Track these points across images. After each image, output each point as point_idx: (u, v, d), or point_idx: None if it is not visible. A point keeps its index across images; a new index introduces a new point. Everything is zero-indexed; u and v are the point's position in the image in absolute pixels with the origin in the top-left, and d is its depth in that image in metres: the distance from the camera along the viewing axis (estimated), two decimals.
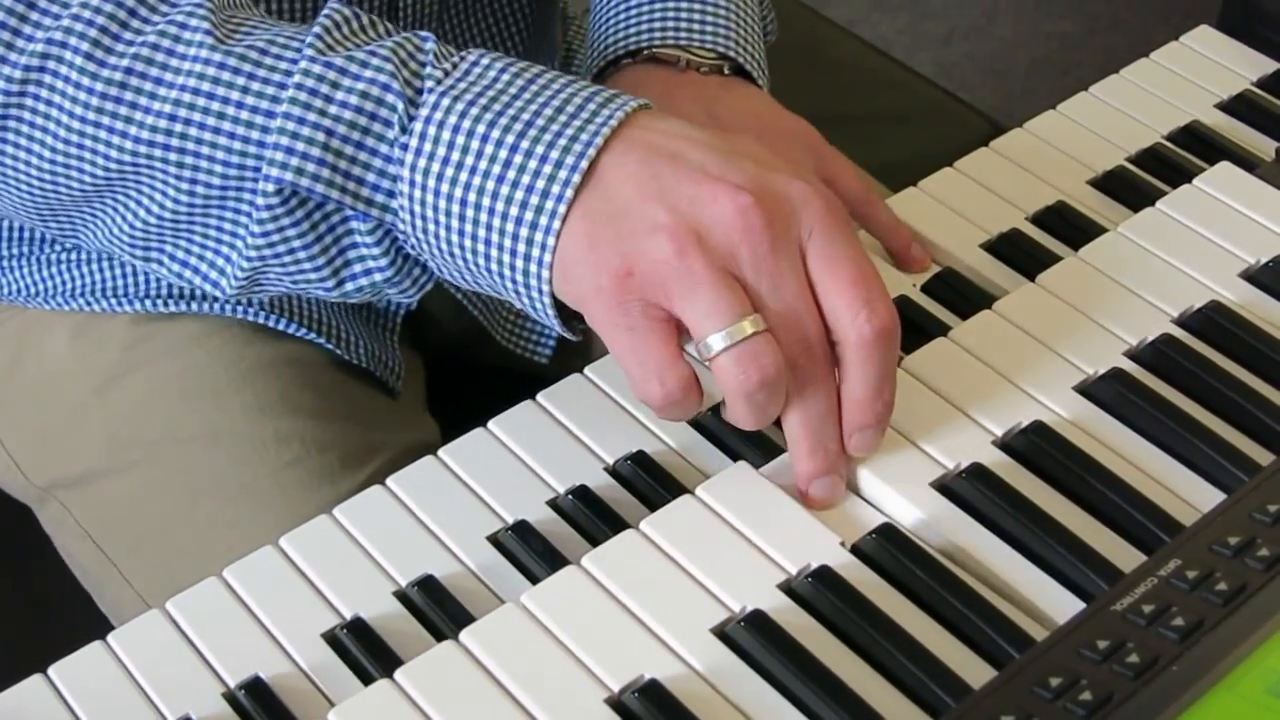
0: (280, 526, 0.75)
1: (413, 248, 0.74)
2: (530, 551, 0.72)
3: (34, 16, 0.74)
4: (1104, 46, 2.37)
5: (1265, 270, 0.83)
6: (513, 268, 0.71)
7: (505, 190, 0.70)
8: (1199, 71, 0.98)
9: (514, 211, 0.70)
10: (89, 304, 0.96)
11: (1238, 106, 0.96)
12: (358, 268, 0.76)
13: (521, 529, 0.74)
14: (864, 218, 0.87)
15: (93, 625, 0.89)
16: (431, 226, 0.72)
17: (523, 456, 0.77)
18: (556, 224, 0.69)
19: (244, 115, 0.72)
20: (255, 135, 0.72)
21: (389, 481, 0.76)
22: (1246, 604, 0.64)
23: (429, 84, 0.72)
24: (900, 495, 0.72)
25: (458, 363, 1.08)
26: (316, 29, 0.73)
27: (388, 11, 0.94)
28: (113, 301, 0.96)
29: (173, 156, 0.73)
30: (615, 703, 0.65)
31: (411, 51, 0.73)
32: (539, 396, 0.79)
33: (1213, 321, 0.80)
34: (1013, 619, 0.67)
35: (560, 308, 0.72)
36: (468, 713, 0.65)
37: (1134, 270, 0.83)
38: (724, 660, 0.66)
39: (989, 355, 0.78)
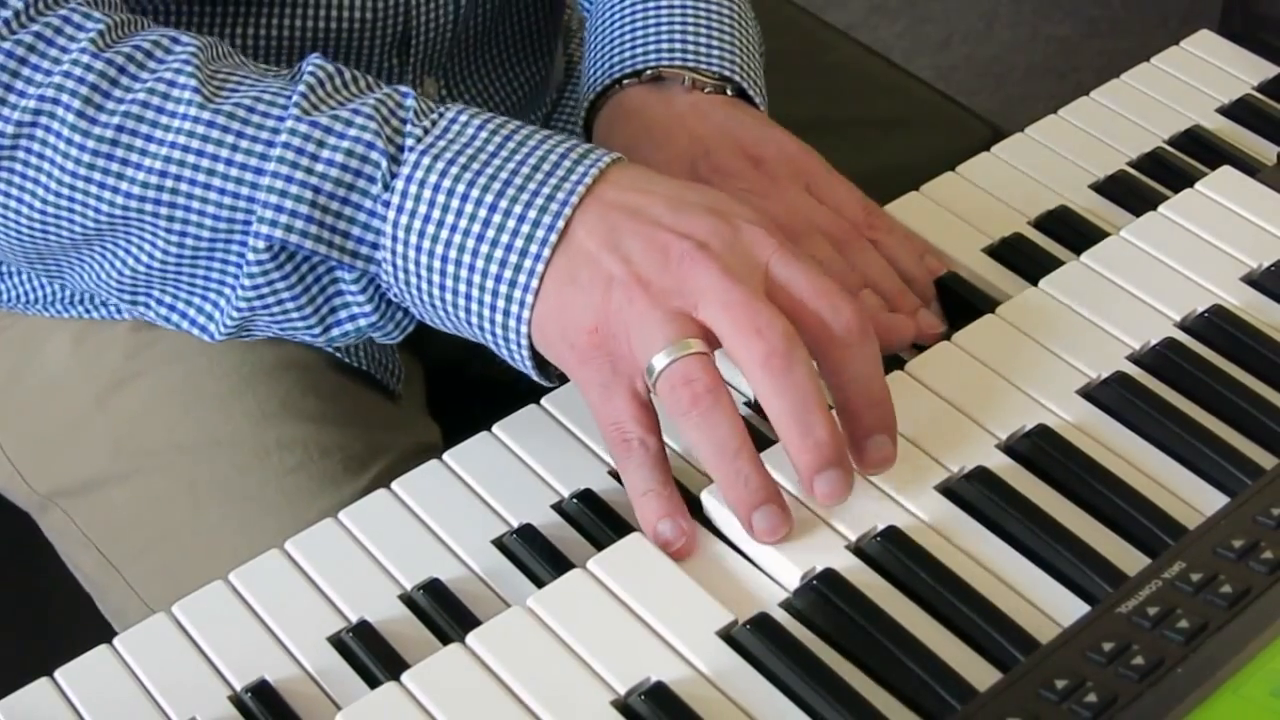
0: (284, 532, 0.75)
1: (395, 296, 0.76)
2: (535, 555, 0.73)
3: (26, 72, 0.75)
4: (1102, 50, 2.37)
5: (1267, 274, 0.83)
6: (493, 321, 0.73)
7: (485, 249, 0.72)
8: (1200, 76, 0.99)
9: (494, 269, 0.72)
10: (89, 311, 0.97)
11: (1239, 111, 0.96)
12: (343, 314, 0.78)
13: (526, 532, 0.74)
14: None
15: (96, 630, 0.89)
16: (414, 279, 0.74)
17: (527, 460, 0.77)
18: (535, 282, 0.71)
19: (233, 172, 0.74)
20: (245, 191, 0.74)
21: (394, 485, 0.76)
22: (1251, 607, 0.64)
23: (409, 142, 0.74)
24: (904, 498, 0.72)
25: (458, 372, 1.08)
26: (301, 87, 0.75)
27: (399, 45, 0.94)
28: (113, 308, 0.96)
29: (163, 211, 0.75)
30: (621, 705, 0.65)
31: (393, 109, 0.75)
32: (543, 400, 0.79)
33: (1215, 325, 0.80)
34: (1018, 622, 0.67)
35: (538, 356, 0.74)
36: (474, 716, 0.65)
37: (1136, 274, 0.83)
38: (730, 663, 0.66)
39: (992, 359, 0.79)
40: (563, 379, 0.76)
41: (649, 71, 0.90)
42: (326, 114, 0.74)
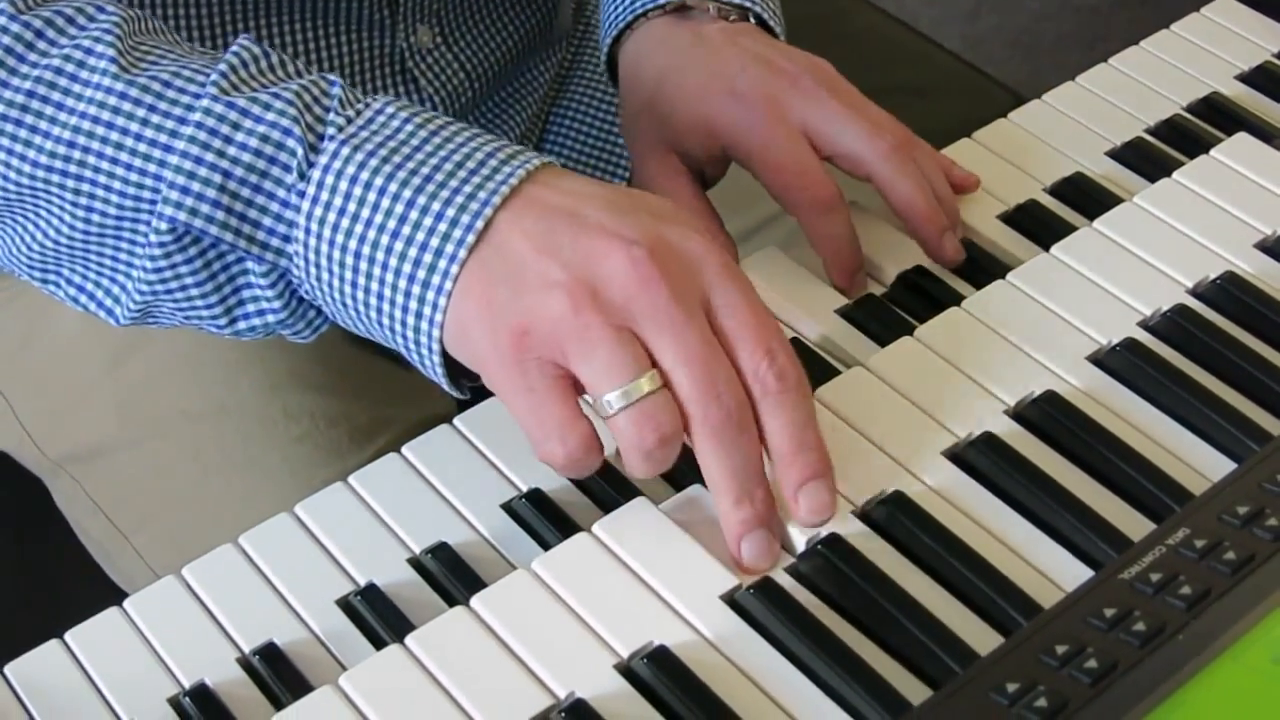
0: (288, 501, 0.75)
1: (306, 293, 0.73)
2: (543, 519, 0.73)
3: None
4: (1131, 20, 2.35)
5: None
6: (404, 324, 0.69)
7: (399, 246, 0.68)
8: (1219, 42, 0.98)
9: (406, 268, 0.68)
10: None
11: (1258, 78, 0.96)
12: (251, 308, 0.74)
13: (535, 497, 0.74)
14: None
15: (104, 594, 0.90)
16: (325, 275, 0.71)
17: None
18: (449, 284, 0.68)
19: (141, 148, 0.70)
20: (152, 169, 0.70)
21: (404, 450, 0.76)
22: (1254, 574, 0.64)
23: (330, 130, 0.70)
24: (911, 464, 0.72)
25: None
26: (222, 66, 0.71)
27: None
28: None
29: (69, 183, 0.72)
30: (625, 669, 0.65)
31: (317, 96, 0.71)
32: None
33: (1227, 292, 0.80)
34: (1021, 587, 0.67)
35: (451, 364, 0.70)
36: (478, 677, 0.65)
37: (1149, 240, 0.83)
38: (733, 627, 0.66)
39: (1002, 324, 0.78)
40: (475, 391, 0.73)
41: (672, 2, 0.89)
42: (244, 96, 0.70)
